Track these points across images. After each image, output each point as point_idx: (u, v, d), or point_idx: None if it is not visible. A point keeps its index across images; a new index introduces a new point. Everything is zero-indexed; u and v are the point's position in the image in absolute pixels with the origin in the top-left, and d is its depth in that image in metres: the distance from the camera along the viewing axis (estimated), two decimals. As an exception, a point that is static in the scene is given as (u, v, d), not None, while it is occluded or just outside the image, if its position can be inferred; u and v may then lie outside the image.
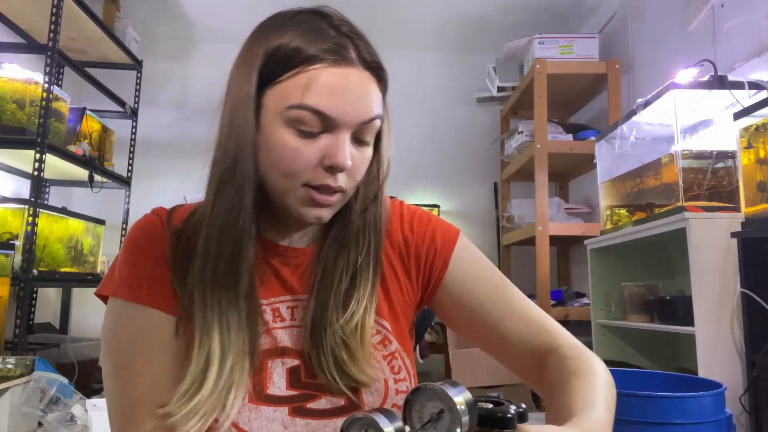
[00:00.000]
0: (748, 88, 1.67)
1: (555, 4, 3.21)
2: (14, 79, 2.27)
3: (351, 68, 0.59)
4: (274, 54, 0.59)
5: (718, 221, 1.56)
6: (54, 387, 1.89)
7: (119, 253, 0.67)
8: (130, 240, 0.66)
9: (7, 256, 2.03)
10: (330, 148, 0.59)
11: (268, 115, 0.60)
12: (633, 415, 1.06)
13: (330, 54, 0.58)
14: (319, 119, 0.58)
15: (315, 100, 0.57)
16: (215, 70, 3.67)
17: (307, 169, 0.60)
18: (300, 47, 0.58)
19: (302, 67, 0.58)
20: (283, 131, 0.59)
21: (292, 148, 0.59)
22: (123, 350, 0.61)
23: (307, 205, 0.62)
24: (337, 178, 0.61)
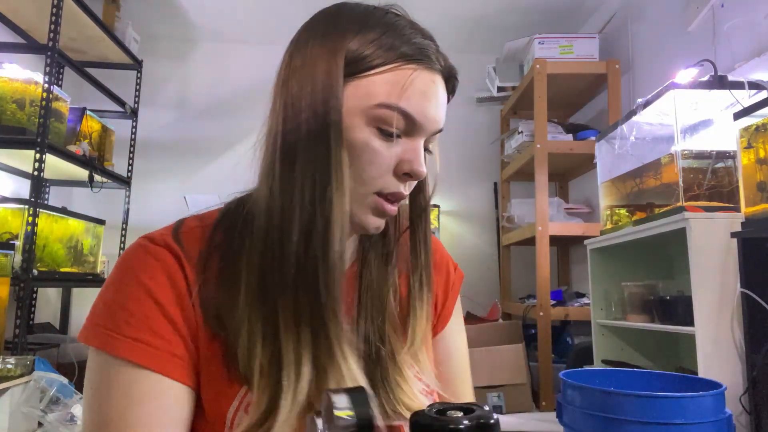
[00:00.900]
0: (748, 88, 1.67)
1: (555, 4, 3.21)
2: (14, 79, 2.27)
3: (437, 74, 0.57)
4: (363, 45, 0.54)
5: (718, 221, 1.56)
6: (54, 387, 1.88)
7: (108, 292, 0.54)
8: (126, 275, 0.53)
9: (7, 256, 2.03)
10: (407, 153, 0.56)
11: (348, 109, 0.53)
12: (633, 415, 1.06)
13: (422, 56, 0.55)
14: (405, 123, 0.54)
15: (407, 103, 0.54)
16: (215, 70, 3.71)
17: (382, 175, 0.55)
18: (395, 43, 0.54)
19: (396, 64, 0.54)
20: (365, 130, 0.54)
21: (374, 149, 0.54)
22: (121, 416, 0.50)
23: (373, 213, 0.57)
24: (407, 186, 0.58)
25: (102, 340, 0.51)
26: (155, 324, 0.51)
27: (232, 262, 0.56)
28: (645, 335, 2.09)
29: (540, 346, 2.58)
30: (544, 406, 2.50)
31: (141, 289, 0.52)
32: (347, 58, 0.53)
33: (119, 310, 0.52)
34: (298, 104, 0.54)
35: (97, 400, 0.51)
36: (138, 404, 0.50)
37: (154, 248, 0.55)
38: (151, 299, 0.52)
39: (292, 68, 0.57)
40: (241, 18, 3.41)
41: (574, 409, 1.16)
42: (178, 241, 0.56)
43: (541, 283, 2.62)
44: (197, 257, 0.55)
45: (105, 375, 0.51)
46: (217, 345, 0.54)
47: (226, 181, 3.75)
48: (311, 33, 0.57)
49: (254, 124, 0.63)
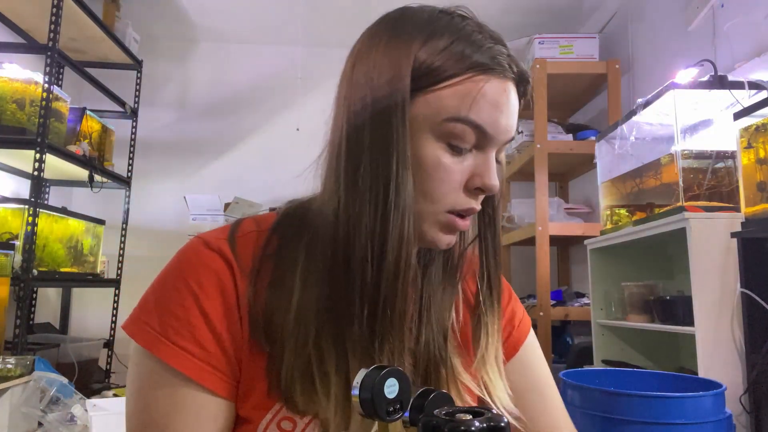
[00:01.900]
0: (748, 88, 1.67)
1: (555, 4, 3.21)
2: (14, 79, 2.27)
3: (509, 82, 0.53)
4: (431, 55, 0.51)
5: (718, 221, 1.56)
6: (54, 387, 1.89)
7: (158, 289, 0.54)
8: (178, 277, 0.53)
9: (7, 256, 2.03)
10: (479, 167, 0.53)
11: (416, 124, 0.51)
12: (633, 415, 1.06)
13: (495, 65, 0.52)
14: (476, 136, 0.52)
15: (478, 115, 0.51)
16: (215, 70, 3.70)
17: (453, 191, 0.53)
18: (465, 51, 0.51)
19: (468, 75, 0.51)
20: (434, 146, 0.51)
21: (445, 166, 0.51)
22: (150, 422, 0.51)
23: (444, 231, 0.54)
24: (479, 201, 0.55)
25: (149, 340, 0.51)
26: (200, 334, 0.51)
27: (285, 271, 0.54)
28: (645, 335, 2.09)
29: (540, 346, 2.58)
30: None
31: (190, 295, 0.52)
32: (414, 71, 0.51)
33: (166, 313, 0.51)
34: (360, 122, 0.52)
35: (143, 398, 0.51)
36: (181, 412, 0.50)
37: (208, 254, 0.54)
38: (198, 308, 0.51)
39: (354, 82, 0.54)
40: (241, 18, 3.41)
41: (574, 409, 1.16)
42: (233, 247, 0.55)
43: (541, 283, 2.62)
44: (250, 267, 0.54)
45: (150, 375, 0.51)
46: (261, 358, 0.53)
47: (226, 181, 3.75)
48: (374, 41, 0.54)
49: (254, 124, 0.62)
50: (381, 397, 0.46)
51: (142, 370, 0.52)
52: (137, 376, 0.52)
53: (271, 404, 0.52)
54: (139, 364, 0.52)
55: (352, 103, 0.52)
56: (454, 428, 0.38)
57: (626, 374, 1.39)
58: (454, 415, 0.40)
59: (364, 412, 0.47)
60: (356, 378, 0.46)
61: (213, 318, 0.52)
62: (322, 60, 3.60)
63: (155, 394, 0.51)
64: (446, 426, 0.39)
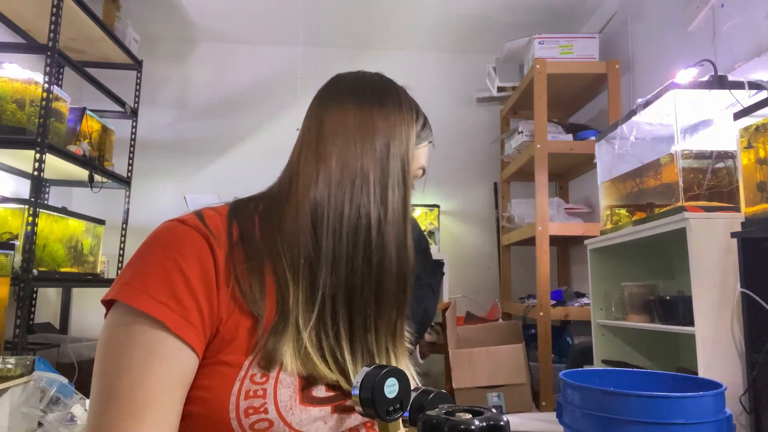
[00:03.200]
0: (748, 88, 1.67)
1: (555, 4, 3.21)
2: (14, 79, 2.27)
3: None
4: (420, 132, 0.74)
5: (718, 221, 1.56)
6: (54, 387, 1.88)
7: (137, 261, 0.59)
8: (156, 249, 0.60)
9: (7, 256, 2.03)
10: None
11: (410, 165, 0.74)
12: (633, 415, 1.06)
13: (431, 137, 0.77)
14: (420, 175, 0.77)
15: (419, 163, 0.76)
16: (215, 70, 3.71)
17: None
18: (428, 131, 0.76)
19: (426, 143, 0.76)
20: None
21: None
22: (130, 371, 0.54)
23: None
24: None
25: (130, 295, 0.56)
26: (179, 292, 0.57)
27: (257, 251, 0.63)
28: (645, 335, 2.09)
29: (540, 346, 2.58)
30: (544, 406, 2.50)
31: (170, 261, 0.58)
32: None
33: (148, 275, 0.57)
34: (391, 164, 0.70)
35: (118, 351, 0.55)
36: (158, 362, 0.55)
37: (185, 229, 0.61)
38: (178, 270, 0.57)
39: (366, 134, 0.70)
40: (240, 18, 3.41)
41: (574, 409, 1.16)
42: (206, 224, 0.62)
43: (541, 283, 2.62)
44: (225, 241, 0.62)
45: (127, 329, 0.56)
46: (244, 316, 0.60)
47: (226, 181, 3.75)
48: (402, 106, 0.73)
49: (254, 124, 0.65)
50: (381, 396, 0.46)
51: (118, 328, 0.56)
52: (111, 334, 0.56)
53: (251, 350, 0.59)
54: (114, 323, 0.57)
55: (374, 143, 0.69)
56: (454, 427, 0.38)
57: (626, 374, 1.39)
58: (453, 413, 0.40)
59: (364, 411, 0.47)
60: (356, 378, 0.47)
61: (192, 280, 0.58)
62: (322, 60, 3.60)
63: (131, 345, 0.55)
64: (446, 425, 0.39)
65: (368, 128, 0.68)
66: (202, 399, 0.59)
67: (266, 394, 0.58)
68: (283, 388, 0.59)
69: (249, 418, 0.57)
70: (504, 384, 2.45)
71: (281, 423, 0.58)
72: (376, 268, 0.64)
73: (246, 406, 0.57)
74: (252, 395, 0.58)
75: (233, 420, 0.57)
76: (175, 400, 0.56)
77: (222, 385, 0.58)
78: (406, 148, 0.70)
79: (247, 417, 0.57)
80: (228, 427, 0.57)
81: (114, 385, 0.55)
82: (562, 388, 1.24)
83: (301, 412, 0.59)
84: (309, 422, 0.59)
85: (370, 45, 3.66)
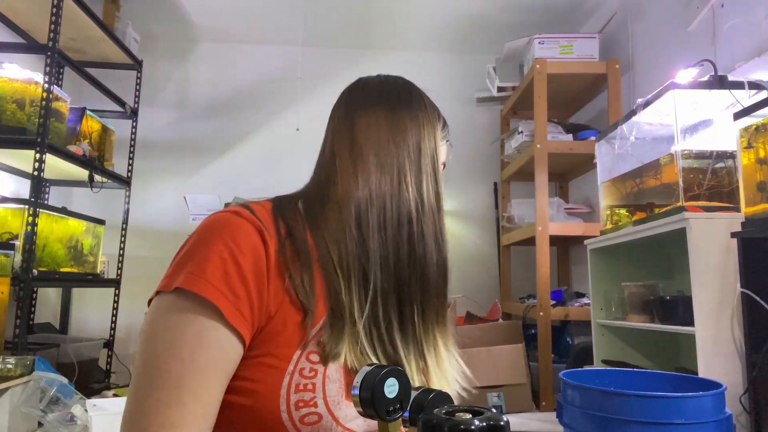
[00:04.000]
0: (748, 88, 1.67)
1: (555, 4, 3.21)
2: (14, 79, 2.27)
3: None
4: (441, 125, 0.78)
5: (718, 221, 1.56)
6: (54, 387, 1.89)
7: (192, 248, 0.60)
8: (212, 235, 0.60)
9: (7, 256, 2.03)
10: None
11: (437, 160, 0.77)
12: (633, 415, 1.06)
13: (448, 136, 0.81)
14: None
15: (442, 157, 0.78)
16: (215, 70, 3.70)
17: None
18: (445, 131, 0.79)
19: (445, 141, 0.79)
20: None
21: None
22: (177, 355, 0.55)
23: None
24: None
25: (189, 281, 0.56)
26: (232, 281, 0.57)
27: (304, 247, 0.65)
28: (645, 335, 2.09)
29: (540, 346, 2.58)
30: (544, 406, 2.50)
31: (225, 249, 0.59)
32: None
33: (204, 261, 0.58)
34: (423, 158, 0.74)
35: (170, 335, 0.56)
36: (208, 349, 0.55)
37: (238, 220, 0.62)
38: (233, 260, 0.58)
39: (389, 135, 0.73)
40: (241, 18, 3.41)
41: (574, 409, 1.16)
42: (258, 217, 0.63)
43: (541, 283, 2.62)
44: (275, 235, 0.63)
45: (180, 315, 0.56)
46: (294, 307, 0.61)
47: (226, 181, 3.75)
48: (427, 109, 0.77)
49: (254, 124, 0.65)
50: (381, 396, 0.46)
51: (170, 314, 0.57)
52: (163, 318, 0.57)
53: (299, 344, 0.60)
54: (165, 308, 0.57)
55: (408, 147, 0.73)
56: (454, 427, 0.38)
57: (626, 374, 1.39)
58: (453, 413, 0.40)
59: (364, 411, 0.47)
60: (356, 377, 0.47)
61: (245, 270, 0.58)
62: (322, 60, 3.60)
63: (184, 330, 0.56)
64: (446, 425, 0.39)
65: (400, 129, 0.72)
66: (252, 391, 0.59)
67: (315, 388, 0.59)
68: (331, 383, 0.60)
69: (299, 411, 0.58)
70: (504, 384, 2.45)
71: (329, 417, 0.59)
72: (420, 258, 0.68)
73: (296, 399, 0.59)
74: (302, 389, 0.59)
75: (284, 413, 0.58)
76: (219, 389, 0.57)
77: (272, 378, 0.59)
78: (434, 145, 0.74)
79: (298, 410, 0.58)
80: (278, 420, 0.58)
81: (162, 368, 0.54)
82: (562, 388, 1.24)
83: (347, 408, 0.60)
84: (353, 417, 0.61)
85: (370, 45, 3.66)
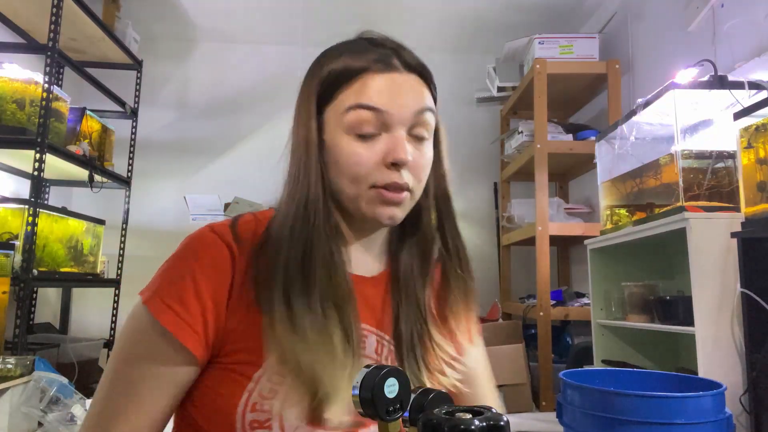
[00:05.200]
0: (748, 88, 1.67)
1: (555, 4, 3.21)
2: (14, 79, 2.27)
3: (396, 73, 0.64)
4: (327, 77, 0.65)
5: (718, 221, 1.56)
6: (54, 387, 1.88)
7: (166, 264, 0.64)
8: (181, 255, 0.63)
9: (7, 256, 2.03)
10: (389, 145, 0.63)
11: (330, 129, 0.64)
12: (633, 415, 1.06)
13: (376, 63, 0.64)
14: (375, 116, 0.62)
15: (368, 98, 0.62)
16: (215, 70, 3.71)
17: (371, 171, 0.63)
18: (349, 64, 0.64)
19: (353, 79, 0.63)
20: (345, 139, 0.63)
21: (355, 152, 0.62)
22: (130, 364, 0.60)
23: (378, 204, 0.64)
24: (402, 174, 0.63)
25: (150, 298, 0.60)
26: (186, 298, 0.59)
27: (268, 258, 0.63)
28: (645, 335, 2.09)
29: (540, 346, 2.58)
30: (544, 406, 2.50)
31: (187, 269, 0.61)
32: (319, 95, 0.65)
33: (165, 279, 0.61)
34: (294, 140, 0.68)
35: (126, 344, 0.61)
36: (155, 363, 0.59)
37: (210, 236, 0.63)
38: (191, 277, 0.60)
39: (293, 123, 0.70)
40: (241, 18, 3.41)
41: (574, 409, 1.16)
42: (234, 232, 0.64)
43: (541, 283, 2.62)
44: (249, 249, 0.63)
45: (139, 325, 0.60)
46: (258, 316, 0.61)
47: (226, 181, 3.74)
48: (300, 90, 0.70)
49: (254, 124, 0.66)
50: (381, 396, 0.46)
51: (135, 322, 0.61)
52: (128, 325, 0.61)
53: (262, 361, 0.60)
54: (133, 317, 0.61)
55: (293, 133, 0.68)
56: (454, 427, 0.38)
57: (626, 374, 1.39)
58: (453, 414, 0.40)
59: (364, 411, 0.47)
60: (356, 377, 0.47)
61: (201, 286, 0.60)
62: (322, 60, 3.60)
63: (137, 340, 0.60)
64: (446, 425, 0.39)
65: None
66: (212, 403, 0.60)
67: (272, 410, 0.58)
68: (290, 407, 0.58)
69: (254, 431, 0.57)
70: (504, 384, 2.45)
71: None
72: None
73: (251, 419, 0.57)
74: (258, 409, 0.58)
75: (238, 430, 0.57)
76: (166, 401, 0.59)
77: (231, 393, 0.59)
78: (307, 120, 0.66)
79: (252, 430, 0.57)
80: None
81: (118, 370, 0.60)
82: (562, 388, 1.24)
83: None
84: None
85: (370, 45, 3.65)
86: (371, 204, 0.64)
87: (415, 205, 0.69)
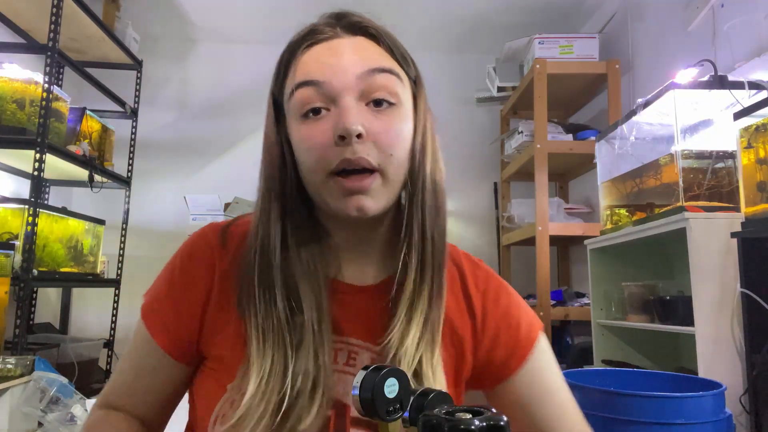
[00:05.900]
0: (748, 88, 1.67)
1: (555, 4, 3.21)
2: (14, 79, 2.27)
3: (334, 40, 0.59)
4: (278, 69, 0.63)
5: (718, 221, 1.56)
6: (54, 387, 1.88)
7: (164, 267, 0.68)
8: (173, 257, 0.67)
9: (7, 256, 2.03)
10: (335, 118, 0.55)
11: (290, 124, 0.60)
12: (633, 415, 1.06)
13: (308, 39, 0.60)
14: (316, 91, 0.56)
15: (305, 73, 0.57)
16: (215, 70, 3.70)
17: (323, 153, 0.55)
18: (285, 50, 0.62)
19: (294, 60, 0.60)
20: (296, 127, 0.58)
21: (305, 134, 0.57)
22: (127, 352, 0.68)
23: (342, 195, 0.56)
24: (354, 148, 0.54)
25: (144, 302, 0.66)
26: (162, 297, 0.64)
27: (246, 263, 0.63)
28: (645, 335, 2.09)
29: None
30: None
31: (170, 270, 0.65)
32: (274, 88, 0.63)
33: (155, 282, 0.67)
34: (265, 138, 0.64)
35: (134, 336, 0.67)
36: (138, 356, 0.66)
37: (198, 241, 0.66)
38: (169, 279, 0.65)
39: None
40: (241, 18, 3.40)
41: (574, 409, 1.16)
42: (222, 235, 0.65)
43: (541, 283, 2.62)
44: (233, 253, 0.64)
45: (139, 324, 0.66)
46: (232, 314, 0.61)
47: (226, 181, 3.73)
48: None
49: (254, 125, 0.66)
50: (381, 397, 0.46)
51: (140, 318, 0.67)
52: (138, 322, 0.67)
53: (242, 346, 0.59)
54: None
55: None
56: (454, 427, 0.38)
57: (626, 374, 1.39)
58: (453, 414, 0.40)
59: (364, 411, 0.47)
60: (356, 378, 0.47)
61: (177, 288, 0.63)
62: (322, 60, 3.59)
63: (137, 336, 0.66)
64: (446, 425, 0.39)
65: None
66: (194, 401, 0.65)
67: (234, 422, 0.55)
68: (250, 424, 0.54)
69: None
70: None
71: None
72: None
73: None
74: (226, 422, 0.55)
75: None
76: (145, 389, 0.65)
77: (208, 400, 0.59)
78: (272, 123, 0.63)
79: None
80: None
81: (123, 358, 0.68)
82: (562, 388, 1.24)
83: None
84: None
85: (370, 45, 3.65)
86: (334, 197, 0.56)
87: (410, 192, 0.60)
